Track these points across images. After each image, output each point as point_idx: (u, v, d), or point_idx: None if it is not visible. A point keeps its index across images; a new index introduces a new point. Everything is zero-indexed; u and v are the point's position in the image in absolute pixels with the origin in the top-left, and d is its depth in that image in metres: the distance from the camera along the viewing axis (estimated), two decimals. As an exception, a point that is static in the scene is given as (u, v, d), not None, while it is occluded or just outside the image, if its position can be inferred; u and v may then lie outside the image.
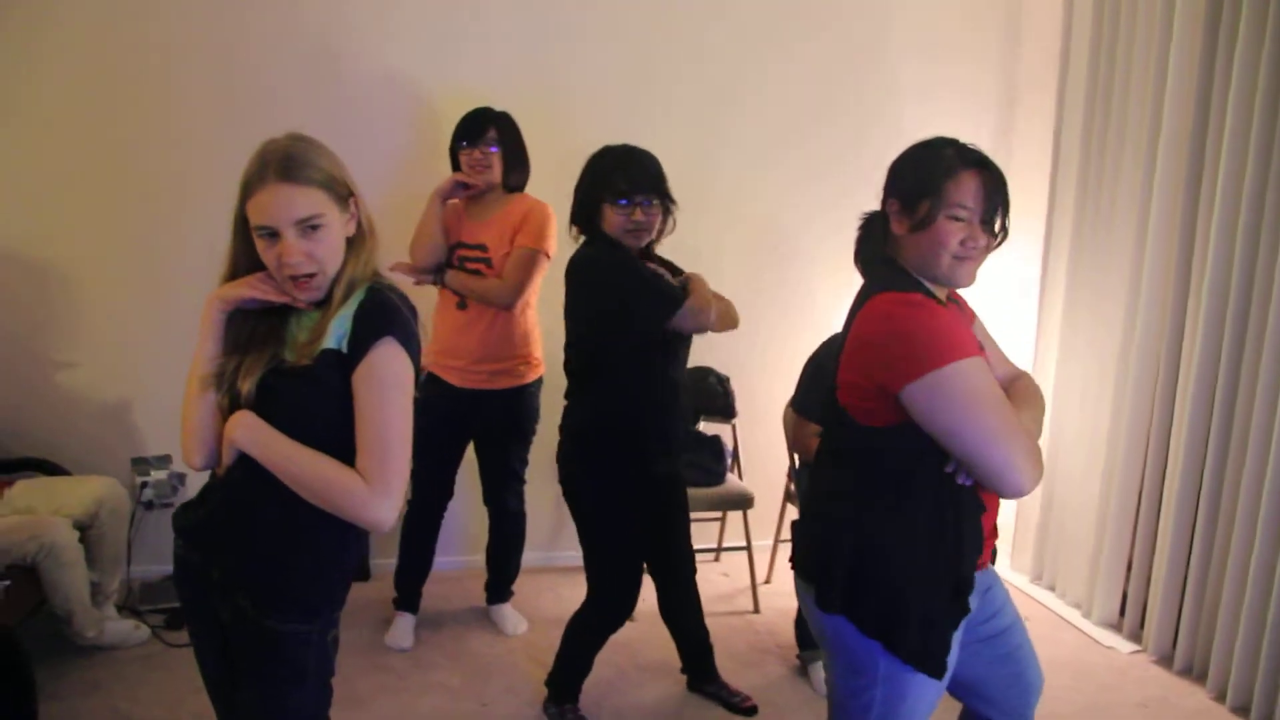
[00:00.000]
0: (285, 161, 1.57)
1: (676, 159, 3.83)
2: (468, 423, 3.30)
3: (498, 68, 3.70)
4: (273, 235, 1.57)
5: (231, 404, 1.65)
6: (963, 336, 1.61)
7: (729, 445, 3.82)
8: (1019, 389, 1.85)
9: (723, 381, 3.94)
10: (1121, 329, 3.39)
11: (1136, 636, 3.37)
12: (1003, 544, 4.05)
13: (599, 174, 2.54)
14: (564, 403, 2.69)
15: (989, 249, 1.71)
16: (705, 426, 3.90)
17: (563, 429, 2.67)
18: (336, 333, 1.61)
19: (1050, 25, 3.75)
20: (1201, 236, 3.07)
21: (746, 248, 3.98)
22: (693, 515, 3.90)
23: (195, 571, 1.72)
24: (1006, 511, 4.06)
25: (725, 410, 3.91)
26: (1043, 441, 3.63)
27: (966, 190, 1.66)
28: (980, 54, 4.04)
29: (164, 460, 3.59)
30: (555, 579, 3.83)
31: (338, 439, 1.61)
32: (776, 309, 3.97)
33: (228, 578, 1.67)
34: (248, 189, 1.59)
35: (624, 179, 2.49)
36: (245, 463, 1.62)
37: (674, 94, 3.87)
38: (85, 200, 3.54)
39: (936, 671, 1.71)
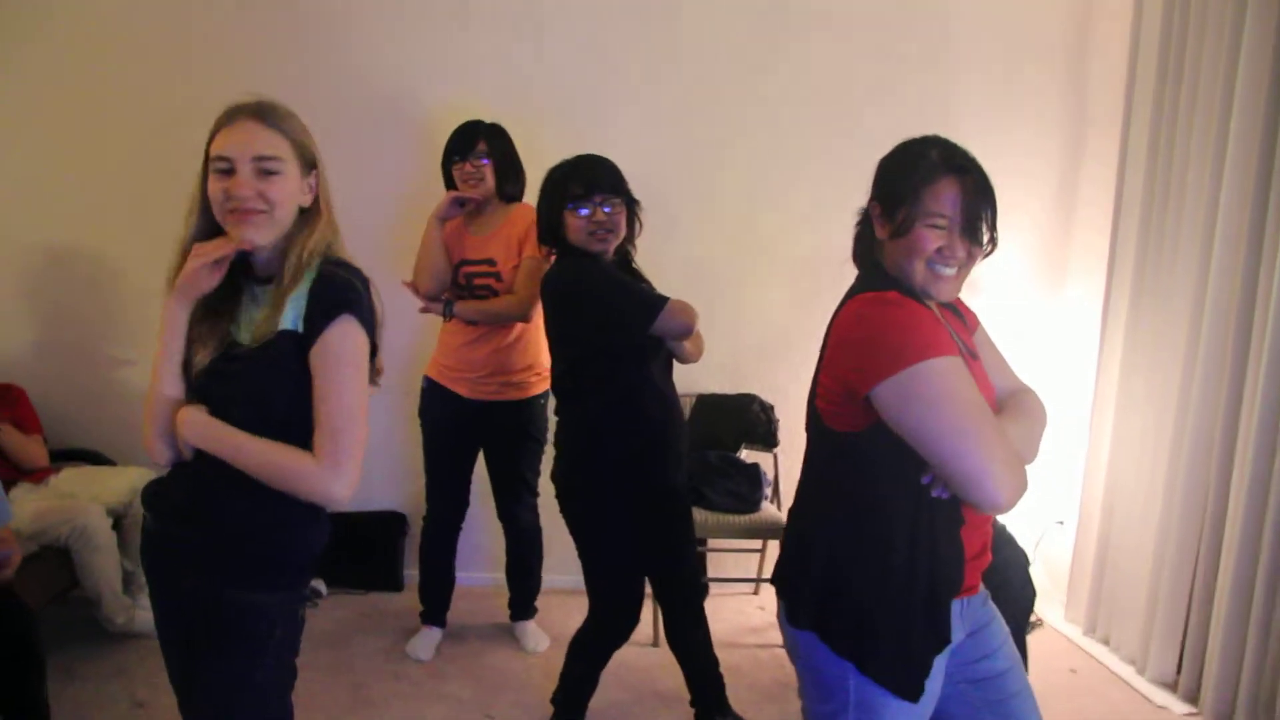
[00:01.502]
0: (258, 105, 1.63)
1: (720, 179, 3.86)
2: (477, 434, 3.28)
3: (506, 83, 3.72)
4: (227, 170, 1.60)
5: (189, 383, 1.66)
6: (937, 334, 1.51)
7: (769, 474, 3.73)
8: (1016, 402, 1.74)
9: (766, 410, 3.87)
10: (1181, 373, 3.21)
11: (1193, 697, 3.14)
12: (1056, 594, 3.87)
13: (554, 185, 2.52)
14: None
15: (972, 259, 1.62)
16: (747, 454, 3.82)
17: (556, 445, 2.63)
18: (291, 313, 1.61)
19: (1120, 43, 3.59)
20: (1265, 278, 2.89)
21: (792, 274, 3.89)
22: (730, 544, 3.90)
23: (164, 546, 1.73)
24: (1061, 562, 3.86)
25: (767, 439, 3.82)
26: (1099, 489, 3.51)
27: (945, 198, 1.56)
28: (1046, 83, 3.89)
29: (207, 458, 3.68)
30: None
31: (299, 417, 1.61)
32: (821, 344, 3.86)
33: (195, 551, 1.67)
34: (216, 129, 1.63)
35: (578, 183, 2.47)
36: None
37: (720, 118, 3.82)
38: (143, 205, 3.68)
39: (911, 695, 1.59)
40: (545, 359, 3.23)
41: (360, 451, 1.62)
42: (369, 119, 3.72)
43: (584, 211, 2.46)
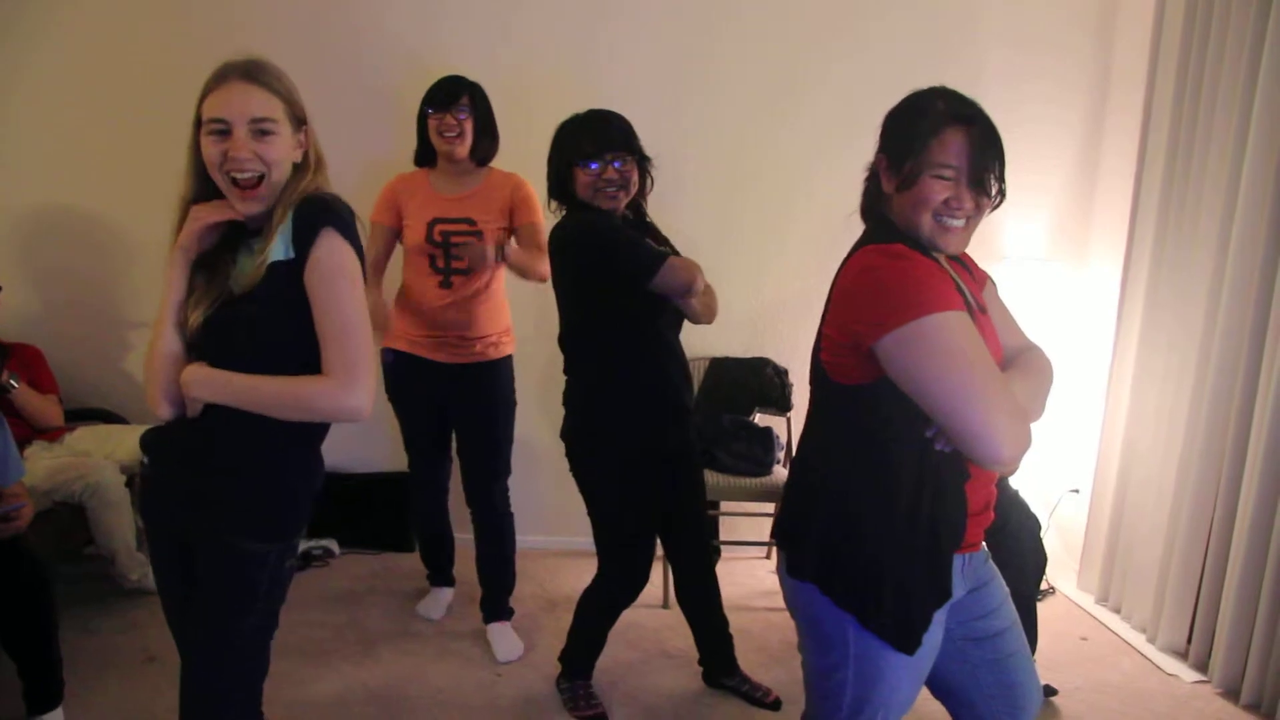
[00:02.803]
0: (249, 66, 1.63)
1: (738, 139, 3.82)
2: (453, 398, 3.14)
3: (540, 52, 3.70)
4: (223, 132, 1.60)
5: (186, 340, 1.68)
6: (943, 289, 1.49)
7: (782, 439, 3.71)
8: (1023, 359, 1.72)
9: (781, 374, 3.85)
10: (1198, 346, 3.16)
11: (1203, 666, 3.12)
12: (1069, 562, 3.85)
13: (565, 140, 2.50)
14: (559, 380, 2.65)
15: (980, 211, 1.59)
16: (760, 419, 3.81)
17: (564, 403, 2.63)
18: (280, 245, 1.63)
19: (1144, 18, 3.51)
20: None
21: (809, 238, 3.85)
22: (742, 507, 3.89)
23: (162, 490, 1.75)
24: (1075, 530, 3.84)
25: (781, 403, 3.81)
26: (1114, 458, 3.49)
27: (951, 148, 1.54)
28: (1070, 54, 3.79)
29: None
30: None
31: (301, 350, 1.63)
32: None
33: (196, 496, 1.69)
34: (207, 89, 1.63)
35: (589, 140, 2.45)
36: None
37: (737, 77, 3.77)
38: (159, 168, 3.62)
39: (909, 647, 1.59)
40: (510, 322, 3.20)
41: (370, 359, 1.63)
42: (366, 85, 3.71)
43: (594, 166, 2.44)
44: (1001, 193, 1.59)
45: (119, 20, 3.65)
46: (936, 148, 1.54)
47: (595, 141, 2.45)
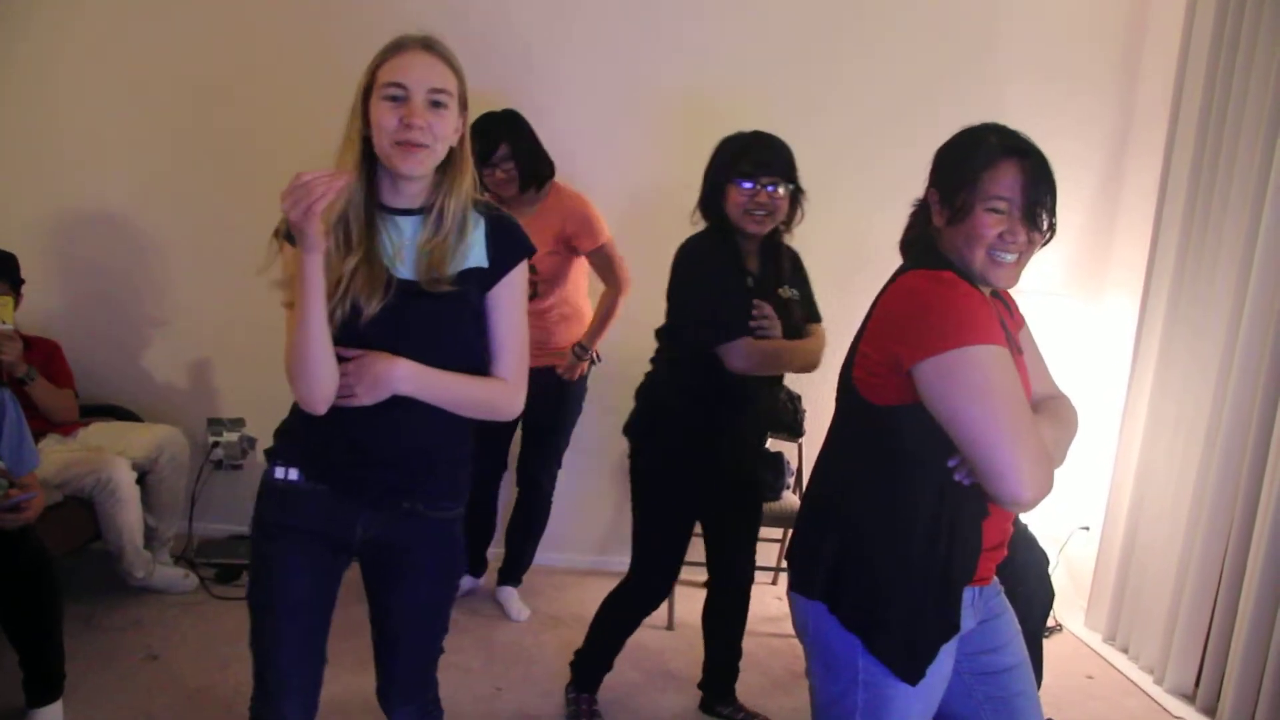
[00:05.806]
0: (427, 38, 1.66)
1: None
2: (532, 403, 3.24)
3: (541, 66, 3.72)
4: (399, 98, 1.60)
5: (344, 323, 1.62)
6: (988, 321, 1.49)
7: (793, 464, 3.69)
8: (1051, 406, 1.72)
9: (794, 399, 3.81)
10: (1214, 386, 3.16)
11: (1211, 710, 3.09)
12: (1078, 600, 3.82)
13: (726, 156, 2.50)
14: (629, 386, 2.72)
15: (1033, 245, 1.59)
16: (772, 443, 3.78)
17: (639, 395, 2.67)
18: (476, 252, 1.71)
19: (1169, 53, 3.51)
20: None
21: (826, 268, 3.79)
22: (751, 532, 3.87)
23: (330, 492, 1.73)
24: (1084, 567, 3.80)
25: (793, 428, 3.76)
26: (1126, 496, 3.46)
27: (1005, 181, 1.55)
28: (1092, 92, 3.81)
29: (238, 423, 3.72)
30: (606, 583, 3.74)
31: (467, 348, 1.73)
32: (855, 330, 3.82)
33: (402, 476, 1.74)
34: (383, 57, 1.63)
35: (750, 161, 2.44)
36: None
37: (753, 105, 3.75)
38: (185, 167, 3.72)
39: (912, 677, 1.57)
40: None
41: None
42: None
43: (748, 186, 2.43)
44: (1052, 227, 1.59)
45: (149, 21, 3.68)
46: (989, 180, 1.55)
47: (755, 162, 2.44)
